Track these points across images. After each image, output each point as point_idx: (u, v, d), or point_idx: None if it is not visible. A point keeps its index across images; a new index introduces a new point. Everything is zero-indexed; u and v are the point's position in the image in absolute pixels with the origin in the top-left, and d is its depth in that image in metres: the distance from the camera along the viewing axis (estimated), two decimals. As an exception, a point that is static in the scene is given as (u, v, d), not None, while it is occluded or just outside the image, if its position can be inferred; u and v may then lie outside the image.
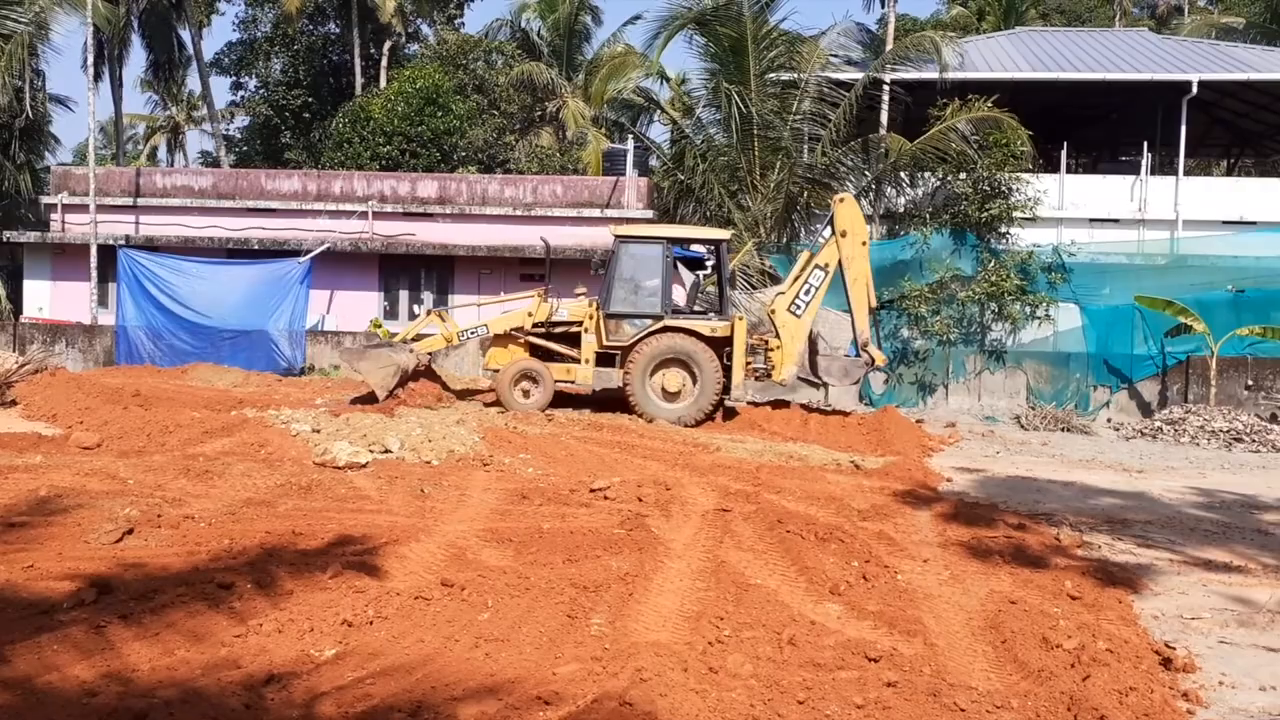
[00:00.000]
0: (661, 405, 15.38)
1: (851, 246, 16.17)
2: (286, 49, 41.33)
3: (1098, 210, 23.74)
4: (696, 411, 15.30)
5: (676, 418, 15.18)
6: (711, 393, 15.34)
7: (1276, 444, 16.27)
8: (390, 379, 15.13)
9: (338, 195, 24.01)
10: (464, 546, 7.43)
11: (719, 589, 6.68)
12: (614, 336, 15.77)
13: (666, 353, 15.43)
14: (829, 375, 16.66)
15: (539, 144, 35.23)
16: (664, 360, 15.43)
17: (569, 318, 16.12)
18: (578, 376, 15.94)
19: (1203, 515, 10.42)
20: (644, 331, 15.59)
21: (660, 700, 4.67)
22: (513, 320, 16.26)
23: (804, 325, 16.23)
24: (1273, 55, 26.50)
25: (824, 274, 16.22)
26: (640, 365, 15.40)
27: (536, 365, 15.77)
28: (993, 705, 4.96)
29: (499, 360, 16.18)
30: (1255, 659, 6.11)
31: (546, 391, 15.66)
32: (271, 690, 4.83)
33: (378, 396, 14.93)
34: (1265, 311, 19.16)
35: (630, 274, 15.82)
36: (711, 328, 15.65)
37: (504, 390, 15.65)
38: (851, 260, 16.19)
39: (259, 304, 21.56)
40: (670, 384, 15.40)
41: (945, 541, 8.50)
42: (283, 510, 8.42)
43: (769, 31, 21.33)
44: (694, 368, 15.38)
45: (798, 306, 16.20)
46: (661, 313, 15.65)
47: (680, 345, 15.44)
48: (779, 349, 16.14)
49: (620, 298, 15.76)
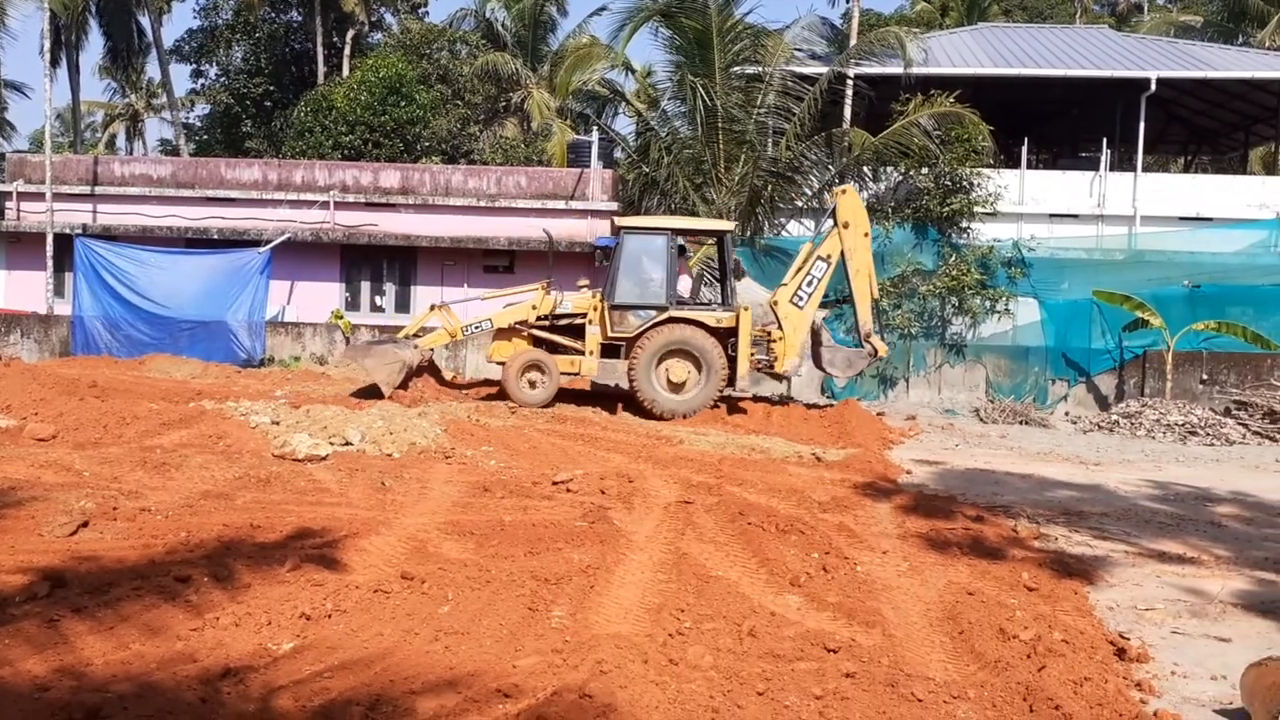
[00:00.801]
0: (667, 396, 15.39)
1: (854, 238, 16.24)
2: (248, 37, 40.85)
3: (1057, 206, 24.00)
4: (702, 402, 15.37)
5: (682, 408, 15.23)
6: (717, 383, 15.41)
7: (1230, 437, 16.54)
8: (396, 375, 15.07)
9: (299, 185, 23.79)
10: (424, 539, 7.40)
11: (680, 581, 6.69)
12: (619, 328, 15.74)
13: (672, 344, 15.44)
14: (832, 367, 16.73)
15: (503, 135, 35.09)
16: (669, 351, 15.46)
17: (573, 310, 16.07)
18: (583, 369, 15.93)
19: (1158, 508, 10.57)
20: (649, 323, 15.58)
21: (620, 692, 4.67)
22: (517, 313, 16.19)
23: (806, 317, 16.25)
24: (1229, 54, 26.91)
25: (826, 265, 16.25)
26: (645, 356, 15.38)
27: (543, 356, 15.68)
28: (950, 695, 5.00)
29: (503, 353, 16.12)
30: (1207, 649, 6.20)
31: (552, 383, 15.58)
32: (228, 684, 4.79)
33: (383, 393, 14.82)
34: (1220, 306, 19.48)
35: (634, 265, 15.80)
36: (717, 318, 15.71)
37: (511, 382, 15.51)
38: (854, 251, 16.25)
39: (218, 294, 21.32)
40: (676, 375, 15.42)
41: (904, 533, 8.56)
42: (241, 503, 8.35)
43: (734, 24, 21.34)
44: (700, 359, 15.42)
45: (800, 298, 16.21)
46: (666, 303, 15.66)
47: (686, 336, 15.47)
48: (781, 340, 16.15)
49: (625, 289, 15.74)
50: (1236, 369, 18.92)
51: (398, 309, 23.75)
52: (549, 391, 15.49)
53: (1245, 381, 18.74)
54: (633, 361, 15.46)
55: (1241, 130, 31.32)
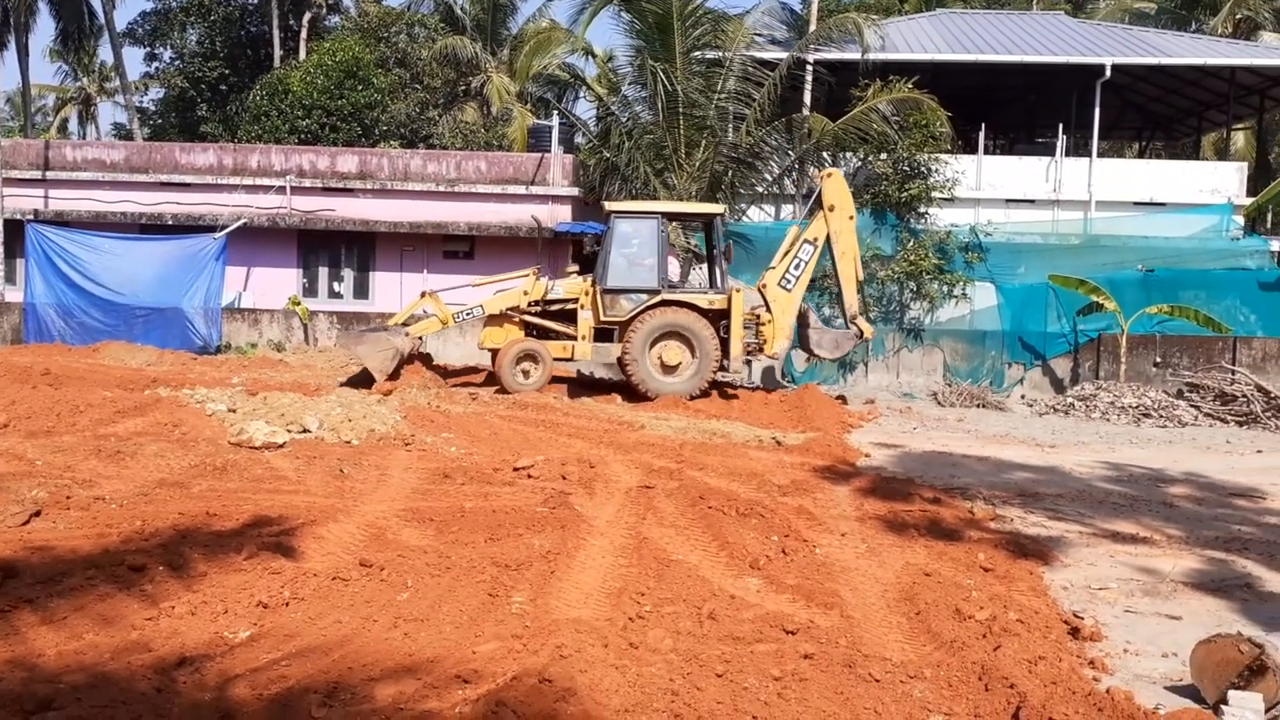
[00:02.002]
0: (661, 379, 15.48)
1: (839, 221, 16.35)
2: (203, 19, 40.20)
3: (1014, 191, 24.20)
4: (696, 384, 15.49)
5: (676, 390, 15.33)
6: (711, 365, 15.51)
7: (1183, 419, 16.80)
8: (389, 362, 15.02)
9: (255, 169, 23.50)
10: (384, 526, 7.37)
11: (641, 565, 6.71)
12: (611, 312, 15.78)
13: (665, 327, 15.53)
14: (820, 348, 16.83)
15: (463, 119, 34.83)
16: (662, 334, 15.53)
17: (564, 295, 16.07)
18: (576, 353, 15.96)
19: (1112, 489, 10.73)
20: (641, 306, 15.64)
21: (580, 676, 4.68)
22: (508, 300, 16.15)
23: (794, 299, 16.37)
24: (1182, 40, 27.22)
25: (813, 249, 16.36)
26: (639, 339, 15.45)
27: (536, 346, 15.67)
28: (906, 675, 5.06)
29: (494, 340, 16.10)
30: (1158, 627, 6.31)
31: (545, 371, 15.58)
32: (183, 673, 4.75)
33: (376, 380, 14.78)
34: (1173, 290, 19.74)
35: (625, 249, 15.83)
36: (709, 300, 15.80)
37: (504, 371, 15.46)
38: (839, 234, 16.38)
39: (173, 281, 21.04)
40: (669, 358, 15.51)
41: (863, 516, 8.64)
42: (197, 491, 8.26)
43: (695, 9, 21.29)
44: (693, 341, 15.50)
45: (788, 281, 16.32)
46: (658, 287, 15.71)
47: (678, 319, 15.55)
48: (770, 323, 16.26)
49: (617, 273, 15.76)
50: (1189, 352, 19.19)
51: (356, 295, 23.55)
52: (542, 379, 15.50)
53: (1197, 364, 19.02)
54: (626, 345, 15.53)
55: (1194, 116, 31.72)
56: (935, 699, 4.86)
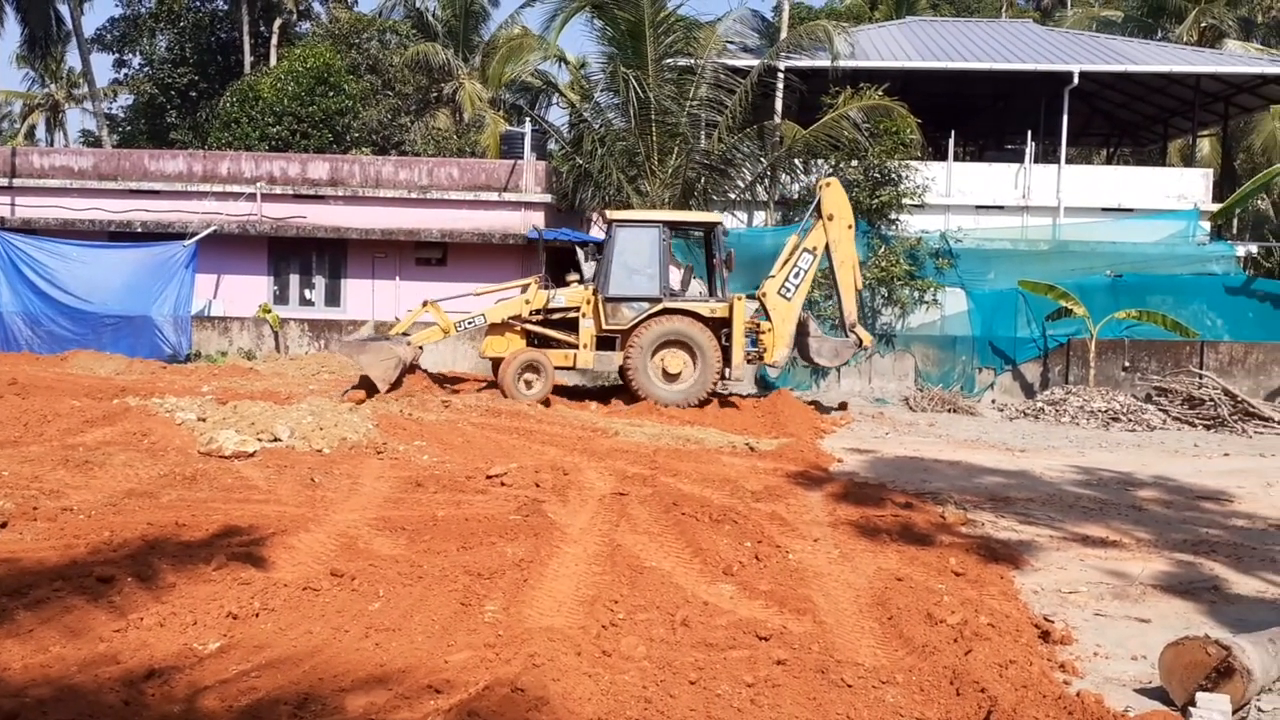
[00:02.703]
0: (663, 387, 15.54)
1: (838, 230, 16.46)
2: (172, 25, 39.94)
3: (983, 197, 24.40)
4: (698, 392, 15.58)
5: (679, 399, 15.40)
6: (713, 373, 15.60)
7: (1151, 423, 16.96)
8: (392, 371, 14.99)
9: (225, 176, 23.34)
10: (355, 536, 7.32)
11: (614, 573, 6.70)
12: (613, 320, 15.85)
13: (667, 335, 15.61)
14: (820, 357, 16.89)
15: (435, 126, 34.77)
16: (664, 342, 15.61)
17: (566, 304, 16.13)
18: (578, 362, 16.00)
19: (1081, 492, 10.82)
20: (643, 314, 15.71)
21: (553, 685, 4.67)
22: (510, 308, 16.20)
23: (794, 308, 16.44)
24: (1149, 49, 27.54)
25: (812, 257, 16.46)
26: (641, 348, 15.52)
27: (539, 356, 15.65)
28: (879, 681, 5.07)
29: (496, 349, 16.12)
30: (1128, 630, 6.36)
31: (547, 381, 15.58)
32: (152, 685, 4.70)
33: (380, 389, 14.77)
34: (1141, 295, 19.94)
35: (627, 257, 15.90)
36: (711, 309, 15.88)
37: (508, 381, 15.42)
38: (838, 243, 16.48)
39: (142, 289, 20.87)
40: (671, 366, 15.60)
41: (836, 521, 8.67)
42: (166, 501, 8.18)
43: (667, 16, 21.32)
44: (694, 349, 15.58)
45: (787, 290, 16.39)
46: (660, 295, 15.77)
47: (680, 327, 15.64)
48: (770, 332, 16.33)
49: (618, 282, 15.84)
50: (1157, 356, 19.39)
51: (328, 302, 23.43)
52: (545, 389, 15.51)
53: (1165, 368, 19.22)
54: (628, 353, 15.60)
55: (1160, 123, 32.08)
56: (907, 704, 4.88)
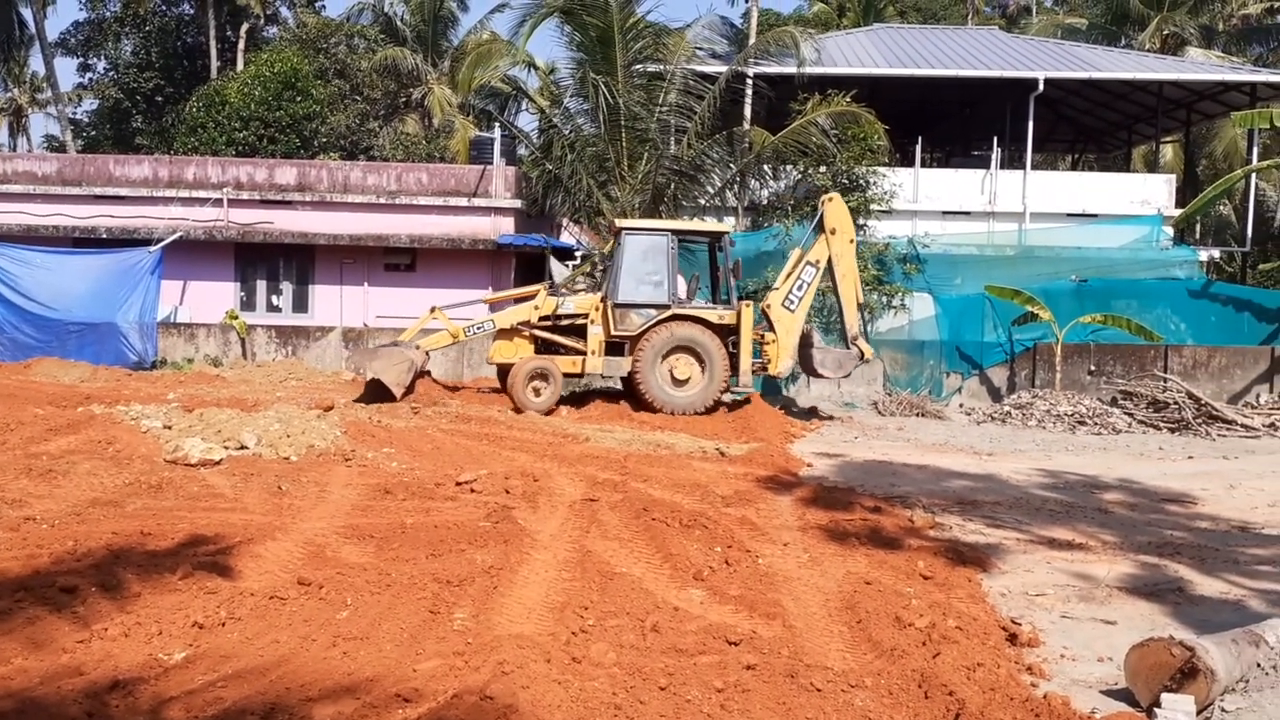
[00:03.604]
0: (671, 393, 15.65)
1: (840, 244, 16.65)
2: (138, 30, 39.62)
3: (950, 203, 24.60)
4: (706, 398, 15.70)
5: (687, 404, 15.54)
6: (720, 380, 15.76)
7: (1117, 426, 17.13)
8: (405, 376, 15.05)
9: (191, 182, 23.17)
10: (323, 544, 7.27)
11: (584, 579, 6.68)
12: (621, 326, 15.94)
13: (676, 341, 15.73)
14: (823, 368, 17.00)
15: (404, 131, 34.65)
16: (673, 348, 15.73)
17: (575, 310, 16.23)
18: (587, 367, 16.09)
19: (1048, 495, 10.90)
20: (652, 321, 15.83)
21: (522, 693, 4.65)
22: (518, 314, 16.25)
23: (798, 320, 16.62)
24: (1113, 56, 27.88)
25: (815, 270, 16.65)
26: (650, 354, 15.63)
27: (547, 363, 15.70)
28: (848, 685, 5.09)
29: (504, 354, 16.17)
30: (1094, 632, 6.41)
31: (556, 389, 15.64)
32: (116, 697, 4.64)
33: (395, 395, 14.83)
34: (1106, 300, 20.16)
35: (636, 265, 16.02)
36: (719, 316, 16.03)
37: (517, 389, 15.43)
38: (840, 257, 16.67)
39: (107, 295, 20.65)
40: (680, 372, 15.73)
41: (805, 525, 8.69)
42: (131, 510, 8.09)
43: (635, 22, 21.38)
44: (703, 356, 15.73)
45: (791, 302, 16.54)
46: (669, 302, 15.91)
47: (689, 334, 15.78)
48: (774, 343, 16.46)
49: (628, 288, 15.96)
50: (1122, 360, 19.60)
51: (295, 308, 23.29)
52: (553, 397, 15.56)
53: (1130, 372, 19.43)
54: (637, 359, 15.70)
55: (1124, 129, 32.49)
56: (876, 707, 4.90)
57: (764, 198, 23.18)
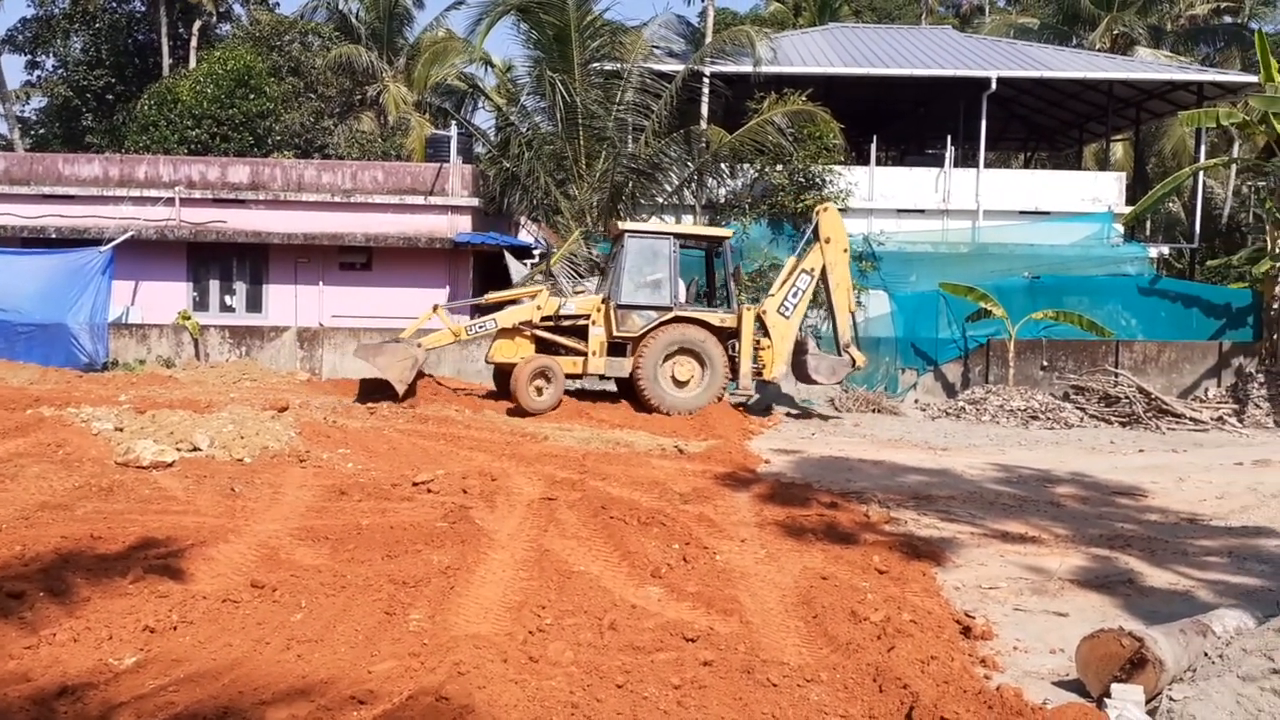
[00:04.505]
0: (673, 394, 15.79)
1: (834, 253, 16.97)
2: (87, 27, 38.98)
3: (905, 201, 24.79)
4: (707, 399, 15.88)
5: (688, 405, 15.67)
6: (720, 382, 15.98)
7: (1069, 421, 17.37)
8: (409, 372, 15.07)
9: (142, 181, 22.84)
10: (276, 546, 7.19)
11: (542, 578, 6.67)
12: (623, 328, 16.08)
13: (677, 343, 15.91)
14: (817, 374, 17.24)
15: (359, 129, 34.38)
16: (674, 350, 15.91)
17: (576, 311, 16.33)
18: (589, 368, 16.19)
19: (1002, 490, 11.02)
20: (654, 322, 15.99)
21: (478, 693, 4.63)
22: (520, 314, 16.27)
23: (792, 326, 16.89)
24: (1064, 55, 28.22)
25: (810, 278, 16.94)
26: (652, 355, 15.77)
27: (550, 363, 15.68)
28: (803, 679, 5.11)
29: (505, 354, 16.18)
30: (1046, 624, 6.49)
31: (558, 389, 15.59)
32: (64, 703, 4.57)
33: (398, 391, 14.91)
34: (1058, 296, 20.42)
35: (638, 267, 16.21)
36: (720, 318, 16.27)
37: (521, 389, 15.32)
38: (834, 266, 16.97)
39: (57, 296, 20.31)
40: (680, 373, 15.91)
41: (762, 521, 8.72)
42: (81, 513, 7.96)
43: (592, 21, 21.38)
44: (704, 357, 15.91)
45: (786, 308, 16.82)
46: (671, 304, 16.07)
47: (691, 335, 15.96)
48: (769, 349, 16.67)
49: (630, 290, 16.14)
50: (1074, 355, 19.86)
51: (249, 308, 23.04)
52: (555, 397, 15.52)
53: (1082, 367, 19.69)
54: (639, 360, 15.83)
55: (1076, 128, 32.90)
56: (831, 702, 4.92)
57: (721, 196, 23.25)
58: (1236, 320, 20.59)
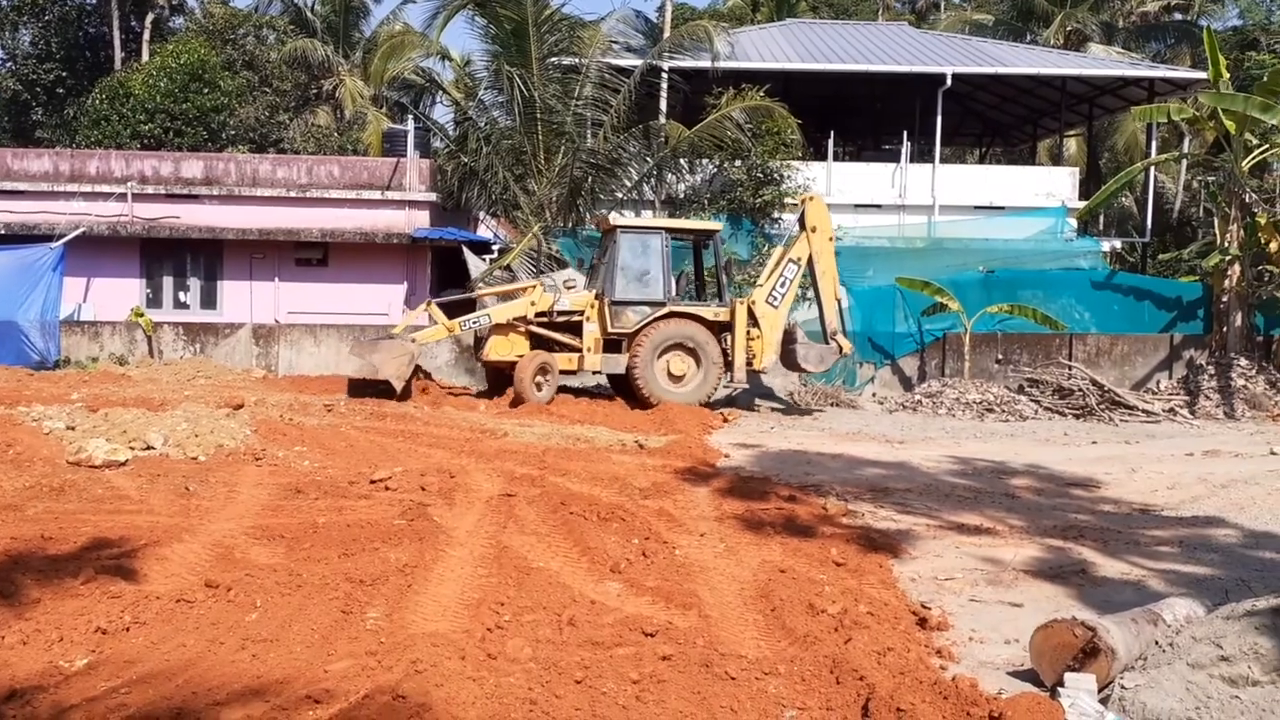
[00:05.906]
0: (668, 388, 15.87)
1: (820, 242, 17.07)
2: (36, 19, 38.26)
3: (862, 196, 24.96)
4: (702, 393, 16.02)
5: (684, 400, 15.77)
6: (715, 376, 16.09)
7: (1024, 413, 17.57)
8: (406, 369, 15.06)
9: (94, 176, 22.50)
10: (231, 545, 7.12)
11: (501, 574, 6.64)
12: (617, 324, 16.13)
13: (672, 338, 16.02)
14: (806, 363, 17.33)
15: (315, 124, 34.06)
16: (669, 345, 16.00)
17: (571, 307, 16.31)
18: (585, 364, 16.25)
19: (958, 482, 11.12)
20: (648, 318, 16.03)
21: (436, 691, 4.61)
22: (515, 310, 16.25)
23: (781, 316, 17.02)
24: (1018, 51, 28.55)
25: (797, 267, 17.06)
26: (647, 350, 15.83)
27: (549, 359, 15.77)
28: (761, 672, 5.13)
29: (500, 350, 16.18)
30: (1001, 614, 6.55)
31: (554, 383, 15.75)
32: (12, 707, 4.49)
33: (395, 388, 14.87)
34: (1013, 290, 20.64)
35: (631, 263, 16.25)
36: (714, 312, 16.38)
37: (524, 383, 15.39)
38: (820, 255, 17.08)
39: (7, 293, 19.95)
40: (675, 368, 16.04)
41: (722, 515, 8.74)
42: (31, 514, 7.83)
43: (550, 15, 21.31)
44: (698, 352, 16.03)
45: (774, 298, 16.93)
46: (664, 299, 16.10)
47: (685, 330, 16.08)
48: (759, 339, 16.75)
49: (624, 286, 16.18)
50: (1028, 349, 20.08)
51: (203, 305, 22.78)
52: (551, 391, 15.70)
53: (1036, 360, 19.92)
54: (634, 355, 15.90)
55: (1030, 124, 33.26)
56: (789, 694, 4.95)
57: (681, 191, 23.29)
58: (1187, 313, 20.92)
